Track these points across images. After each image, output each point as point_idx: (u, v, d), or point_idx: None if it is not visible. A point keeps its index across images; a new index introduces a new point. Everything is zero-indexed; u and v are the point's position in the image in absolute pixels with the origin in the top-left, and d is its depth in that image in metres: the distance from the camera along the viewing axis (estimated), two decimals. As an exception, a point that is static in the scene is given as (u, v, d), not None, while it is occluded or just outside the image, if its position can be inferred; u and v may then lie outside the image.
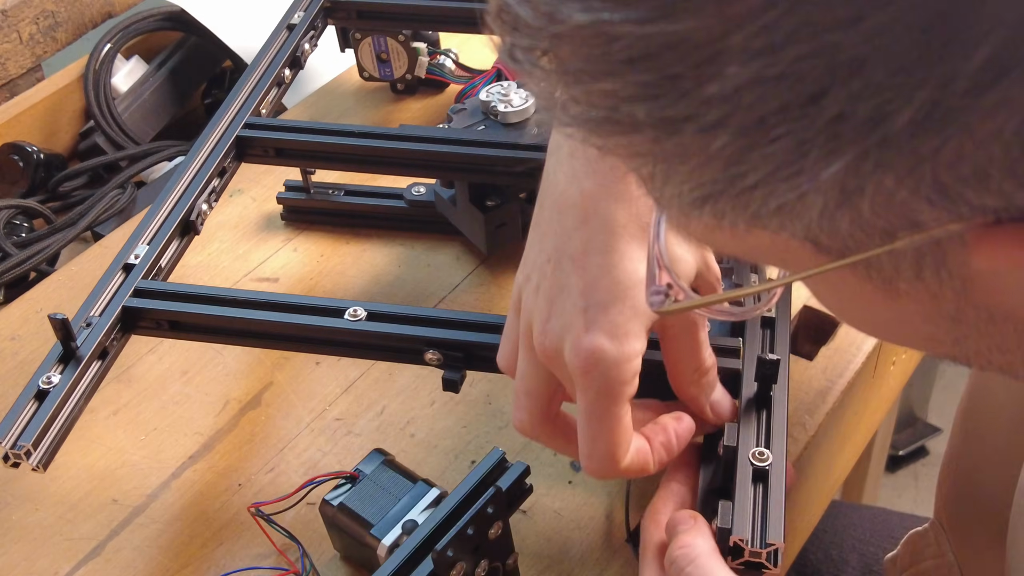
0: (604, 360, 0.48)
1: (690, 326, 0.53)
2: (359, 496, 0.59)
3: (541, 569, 0.60)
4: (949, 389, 1.86)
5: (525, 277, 0.53)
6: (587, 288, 0.49)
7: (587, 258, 0.49)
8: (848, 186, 0.27)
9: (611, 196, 0.50)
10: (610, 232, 0.49)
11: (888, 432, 1.40)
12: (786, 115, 0.26)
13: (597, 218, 0.50)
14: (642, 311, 0.49)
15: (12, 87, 1.03)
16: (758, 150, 0.27)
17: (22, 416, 0.57)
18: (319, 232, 0.84)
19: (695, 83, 0.27)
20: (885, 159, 0.26)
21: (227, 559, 0.62)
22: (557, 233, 0.51)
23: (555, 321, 0.50)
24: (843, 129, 0.26)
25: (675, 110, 0.27)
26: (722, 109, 0.27)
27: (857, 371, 0.69)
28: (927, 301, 0.32)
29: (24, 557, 0.63)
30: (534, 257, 0.52)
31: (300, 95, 1.01)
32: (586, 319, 0.48)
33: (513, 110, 0.79)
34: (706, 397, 0.54)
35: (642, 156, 0.30)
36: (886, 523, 0.86)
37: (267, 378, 0.73)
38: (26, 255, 0.85)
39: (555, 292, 0.50)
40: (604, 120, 0.29)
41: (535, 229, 0.53)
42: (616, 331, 0.48)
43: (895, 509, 0.95)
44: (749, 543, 0.47)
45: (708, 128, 0.27)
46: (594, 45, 0.27)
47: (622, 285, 0.49)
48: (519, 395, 0.53)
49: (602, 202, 0.50)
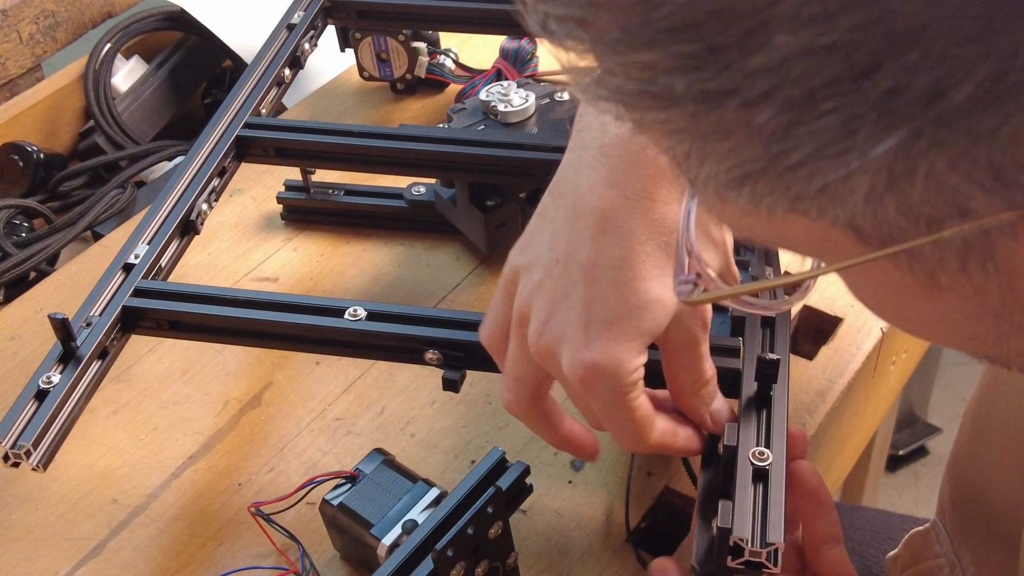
0: (602, 377, 0.48)
1: (691, 341, 0.52)
2: (359, 496, 0.59)
3: (541, 569, 0.60)
4: (949, 389, 1.86)
5: (524, 264, 0.52)
6: (593, 301, 0.48)
7: (597, 271, 0.48)
8: (897, 168, 0.26)
9: (633, 211, 0.48)
10: (627, 247, 0.48)
11: (888, 432, 1.39)
12: (837, 88, 0.25)
13: (615, 231, 0.48)
14: (646, 330, 0.48)
15: (12, 87, 1.03)
16: (805, 125, 0.26)
17: (22, 416, 0.57)
18: (319, 232, 0.84)
19: (740, 54, 0.25)
20: (940, 138, 0.25)
21: (227, 559, 0.62)
22: (570, 236, 0.49)
23: (554, 326, 0.49)
24: (897, 104, 0.25)
25: (717, 83, 0.26)
26: (768, 81, 0.25)
27: (857, 371, 0.69)
28: (971, 296, 0.31)
29: (24, 557, 0.63)
30: (540, 249, 0.51)
31: (300, 95, 1.01)
32: (587, 334, 0.48)
33: (513, 110, 0.79)
34: (706, 407, 0.54)
35: (679, 133, 0.29)
36: (886, 525, 0.86)
37: (267, 378, 0.73)
38: (26, 255, 0.85)
39: (559, 296, 0.49)
40: (641, 93, 0.28)
41: (543, 218, 0.52)
42: (616, 349, 0.48)
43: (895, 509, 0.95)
44: (749, 543, 0.47)
45: (752, 102, 0.26)
46: (634, 13, 0.26)
47: (629, 304, 0.48)
48: (508, 379, 0.53)
49: (623, 215, 0.48)
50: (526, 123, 0.79)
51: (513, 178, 0.75)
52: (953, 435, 0.68)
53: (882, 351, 0.73)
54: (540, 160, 0.72)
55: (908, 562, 0.68)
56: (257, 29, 0.97)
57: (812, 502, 0.53)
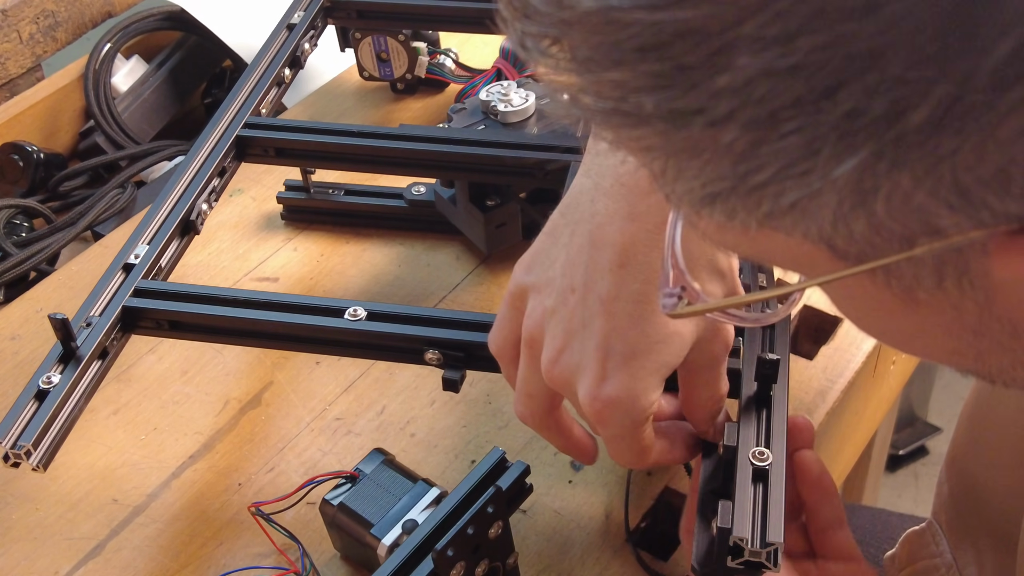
0: (618, 411, 0.48)
1: (712, 362, 0.52)
2: (359, 496, 0.59)
3: (541, 569, 0.60)
4: (949, 389, 1.86)
5: (533, 284, 0.51)
6: (611, 335, 0.48)
7: (616, 304, 0.48)
8: (863, 186, 0.26)
9: (654, 245, 0.48)
10: (646, 281, 0.48)
11: (888, 432, 1.39)
12: (798, 109, 0.25)
13: (635, 265, 0.48)
14: (663, 363, 0.48)
15: (12, 87, 1.03)
16: (768, 145, 0.26)
17: (22, 416, 0.57)
18: (319, 232, 0.84)
19: (706, 74, 0.26)
20: (901, 158, 0.25)
21: (227, 559, 0.62)
22: (588, 267, 0.49)
23: (570, 357, 0.49)
24: (857, 125, 0.25)
25: (684, 102, 0.26)
26: (732, 102, 0.26)
27: (857, 371, 0.69)
28: (948, 312, 0.31)
29: (24, 557, 0.63)
30: (551, 273, 0.51)
31: (300, 95, 1.01)
32: (606, 368, 0.48)
33: (513, 110, 0.79)
34: (714, 419, 0.55)
35: (653, 150, 0.29)
36: (885, 524, 0.86)
37: (267, 378, 0.73)
38: (26, 255, 0.85)
39: (575, 326, 0.49)
40: (613, 111, 0.28)
41: (555, 240, 0.52)
42: (635, 385, 0.48)
43: (895, 508, 0.95)
44: (749, 543, 0.47)
45: (718, 122, 0.26)
46: (604, 33, 0.26)
47: (649, 339, 0.48)
48: (521, 395, 0.53)
49: (643, 249, 0.48)
50: (526, 123, 0.79)
51: (513, 178, 0.75)
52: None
53: (882, 351, 0.73)
54: (540, 160, 0.72)
55: (905, 561, 0.68)
56: (257, 29, 0.97)
57: (816, 490, 0.54)
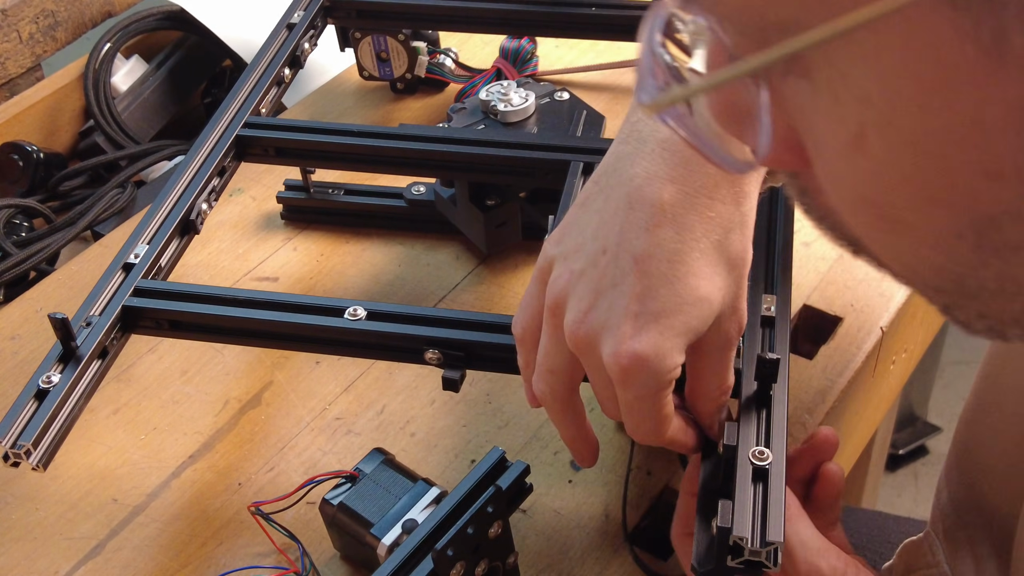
0: (645, 369, 0.48)
1: (725, 343, 0.52)
2: (359, 495, 0.59)
3: (541, 569, 0.60)
4: (949, 388, 1.86)
5: (561, 253, 0.51)
6: (644, 293, 0.48)
7: (651, 263, 0.48)
8: None
9: (692, 207, 0.49)
10: (682, 242, 0.48)
11: (888, 431, 1.39)
12: None
13: (672, 225, 0.49)
14: (692, 327, 0.48)
15: (12, 87, 1.03)
16: None
17: (22, 416, 0.57)
18: (319, 231, 0.84)
19: None
20: None
21: (227, 558, 0.62)
22: (622, 227, 0.49)
23: (598, 314, 0.49)
24: None
25: None
26: None
27: (857, 370, 0.69)
28: None
29: (24, 556, 0.63)
30: (581, 239, 0.51)
31: (300, 94, 1.01)
32: (635, 324, 0.48)
33: (513, 109, 0.79)
34: (719, 415, 0.54)
35: None
36: (882, 528, 0.86)
37: (267, 378, 0.73)
38: (26, 254, 0.85)
39: (605, 285, 0.49)
40: None
41: (587, 208, 0.52)
42: (662, 343, 0.48)
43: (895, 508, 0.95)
44: (749, 542, 0.47)
45: None
46: None
47: (681, 298, 0.48)
48: (542, 371, 0.53)
49: (681, 210, 0.49)
50: (526, 123, 0.79)
51: (513, 178, 0.75)
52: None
53: (882, 351, 0.73)
54: (540, 160, 0.72)
55: (902, 572, 0.68)
56: (257, 29, 0.97)
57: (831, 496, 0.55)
